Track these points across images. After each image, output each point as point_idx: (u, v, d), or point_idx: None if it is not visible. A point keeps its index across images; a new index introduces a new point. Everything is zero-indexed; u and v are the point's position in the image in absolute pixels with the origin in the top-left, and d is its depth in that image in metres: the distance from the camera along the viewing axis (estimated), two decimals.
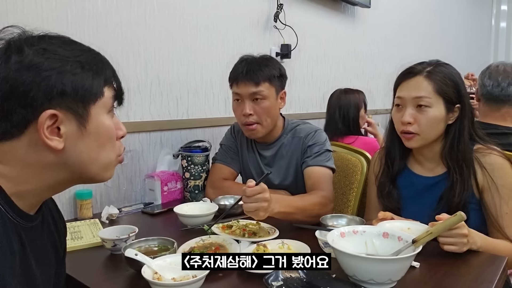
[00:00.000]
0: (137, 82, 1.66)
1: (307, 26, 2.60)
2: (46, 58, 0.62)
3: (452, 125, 1.23)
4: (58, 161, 0.66)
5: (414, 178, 1.31)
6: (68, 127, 0.65)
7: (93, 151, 0.68)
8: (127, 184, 1.65)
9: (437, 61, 1.27)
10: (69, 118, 0.65)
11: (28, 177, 0.66)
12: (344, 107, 2.31)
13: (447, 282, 0.92)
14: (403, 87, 1.25)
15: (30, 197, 0.68)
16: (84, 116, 0.66)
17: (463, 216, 0.93)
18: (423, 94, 1.20)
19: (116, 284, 0.94)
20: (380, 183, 1.36)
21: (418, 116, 1.20)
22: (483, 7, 6.17)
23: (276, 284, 0.88)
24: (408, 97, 1.22)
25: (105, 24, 1.54)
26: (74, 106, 0.65)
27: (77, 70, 0.65)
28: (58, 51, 0.64)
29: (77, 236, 1.22)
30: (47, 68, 0.62)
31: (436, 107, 1.20)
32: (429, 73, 1.22)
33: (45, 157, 0.65)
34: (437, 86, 1.20)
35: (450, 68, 1.26)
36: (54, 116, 0.63)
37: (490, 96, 1.71)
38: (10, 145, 0.64)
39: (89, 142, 0.67)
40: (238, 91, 1.48)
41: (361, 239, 1.01)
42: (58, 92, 0.62)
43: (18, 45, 0.62)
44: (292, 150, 1.55)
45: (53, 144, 0.64)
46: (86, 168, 0.69)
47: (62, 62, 0.63)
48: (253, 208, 1.09)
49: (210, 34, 1.97)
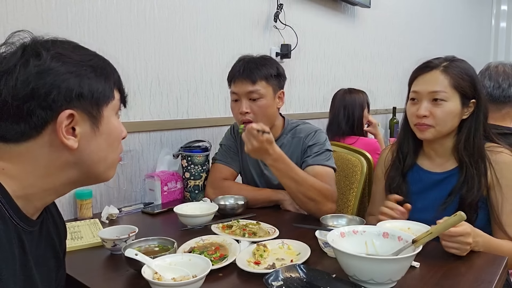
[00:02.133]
0: (137, 82, 1.66)
1: (307, 26, 2.60)
2: (63, 62, 0.66)
3: (466, 120, 1.23)
4: (70, 161, 0.69)
5: (423, 174, 1.31)
6: (82, 127, 0.68)
7: (103, 150, 0.72)
8: (127, 184, 1.65)
9: (453, 57, 1.27)
10: (84, 119, 0.68)
11: (37, 179, 0.67)
12: (349, 107, 2.31)
13: (447, 282, 0.92)
14: (419, 81, 1.25)
15: (35, 200, 0.69)
16: (97, 117, 0.70)
17: (463, 216, 0.93)
18: (439, 88, 1.20)
19: (116, 284, 0.94)
20: (390, 177, 1.36)
21: (434, 109, 1.21)
22: (483, 7, 6.17)
23: (276, 284, 0.88)
24: (424, 91, 1.22)
25: (105, 24, 1.54)
26: (89, 108, 0.68)
27: (91, 74, 0.68)
28: (72, 56, 0.67)
29: (77, 236, 1.22)
30: (65, 72, 0.65)
31: (452, 101, 1.20)
32: (445, 67, 1.22)
33: (59, 157, 0.67)
34: (454, 81, 1.20)
35: (466, 64, 1.27)
36: (71, 116, 0.66)
37: (491, 97, 1.71)
38: (26, 146, 0.66)
39: (100, 142, 0.71)
40: (235, 90, 1.49)
41: (361, 239, 1.01)
42: (77, 94, 0.66)
43: (35, 49, 0.65)
44: (292, 150, 1.55)
45: (69, 143, 0.66)
46: (95, 166, 0.72)
47: (77, 66, 0.67)
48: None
49: (210, 34, 1.97)
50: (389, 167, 1.38)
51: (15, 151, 0.65)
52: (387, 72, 3.69)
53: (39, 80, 0.63)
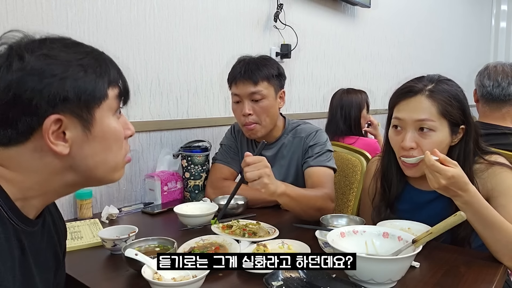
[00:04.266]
0: (137, 82, 1.66)
1: (307, 26, 2.60)
2: (48, 64, 0.62)
3: (455, 147, 1.14)
4: (64, 166, 0.66)
5: (413, 193, 1.24)
6: (73, 131, 0.64)
7: (99, 154, 0.68)
8: (127, 184, 1.65)
9: (438, 77, 1.15)
10: (74, 123, 0.64)
11: (34, 182, 0.65)
12: (346, 107, 2.32)
13: (447, 282, 0.92)
14: (402, 107, 1.13)
15: (35, 201, 0.68)
16: (88, 120, 0.65)
17: (463, 216, 0.93)
18: (426, 117, 1.08)
19: (116, 284, 0.94)
20: (376, 207, 1.27)
21: (421, 140, 1.10)
22: (483, 7, 6.17)
23: (276, 284, 0.88)
24: (409, 120, 1.10)
25: (105, 24, 1.54)
26: (78, 111, 0.64)
27: (79, 74, 0.64)
28: (59, 56, 0.63)
29: (77, 236, 1.22)
30: (48, 75, 0.61)
31: (441, 131, 1.10)
32: (431, 92, 1.10)
33: (51, 162, 0.65)
34: (441, 107, 1.09)
35: (453, 85, 1.15)
36: (59, 121, 0.63)
37: (490, 96, 1.71)
38: (16, 151, 0.63)
39: (94, 145, 0.67)
40: (237, 92, 1.49)
41: (361, 239, 1.01)
42: (61, 98, 0.62)
43: (18, 51, 0.62)
44: (293, 150, 1.55)
45: (58, 149, 0.63)
46: (93, 171, 0.69)
47: (64, 67, 0.63)
48: (257, 175, 1.10)
49: (210, 34, 1.97)
50: (374, 195, 1.28)
51: (5, 155, 0.64)
52: (387, 72, 3.69)
53: (20, 86, 0.60)
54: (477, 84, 1.78)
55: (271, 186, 1.14)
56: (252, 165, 1.11)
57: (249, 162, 1.12)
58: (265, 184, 1.12)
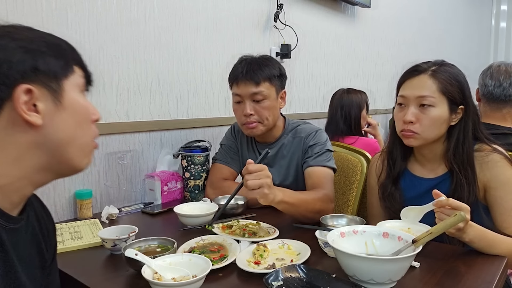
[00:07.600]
0: (137, 82, 1.66)
1: (307, 26, 2.61)
2: (13, 39, 0.64)
3: (455, 127, 1.21)
4: (37, 141, 0.66)
5: (415, 180, 1.30)
6: (44, 102, 0.65)
7: (71, 128, 0.69)
8: (127, 184, 1.65)
9: (442, 61, 1.25)
10: (44, 94, 0.65)
11: (6, 165, 0.65)
12: (346, 107, 2.32)
13: (447, 282, 0.92)
14: (407, 86, 1.23)
15: (10, 193, 0.66)
16: (58, 91, 0.67)
17: (463, 216, 0.93)
18: (427, 93, 1.18)
19: (116, 284, 0.94)
20: (382, 184, 1.34)
21: (421, 115, 1.19)
22: (483, 7, 6.17)
23: (276, 284, 0.88)
24: (412, 96, 1.20)
25: (105, 24, 1.54)
26: (47, 81, 0.65)
27: (44, 49, 0.66)
28: (23, 34, 0.66)
29: (77, 236, 1.22)
30: (15, 47, 0.63)
31: (440, 107, 1.18)
32: (434, 72, 1.20)
33: (24, 136, 0.65)
34: (442, 86, 1.18)
35: (455, 69, 1.24)
36: (30, 91, 0.63)
37: (492, 96, 1.71)
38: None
39: (66, 117, 0.68)
40: (238, 92, 1.48)
41: (361, 239, 1.01)
42: (31, 67, 0.63)
43: None
44: (293, 150, 1.55)
45: (32, 119, 0.63)
46: (65, 148, 0.68)
47: (29, 42, 0.65)
48: (258, 185, 1.10)
49: (210, 34, 1.97)
50: (380, 174, 1.36)
51: None
52: (387, 72, 3.69)
53: None
54: (479, 83, 1.78)
55: (270, 196, 1.13)
56: (254, 173, 1.10)
57: (251, 170, 1.10)
58: (264, 194, 1.12)
